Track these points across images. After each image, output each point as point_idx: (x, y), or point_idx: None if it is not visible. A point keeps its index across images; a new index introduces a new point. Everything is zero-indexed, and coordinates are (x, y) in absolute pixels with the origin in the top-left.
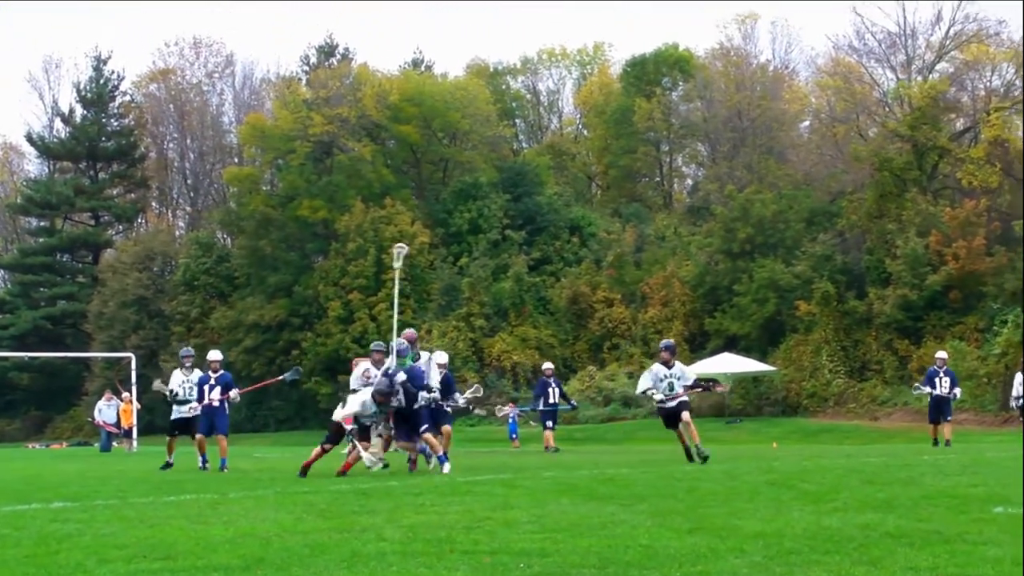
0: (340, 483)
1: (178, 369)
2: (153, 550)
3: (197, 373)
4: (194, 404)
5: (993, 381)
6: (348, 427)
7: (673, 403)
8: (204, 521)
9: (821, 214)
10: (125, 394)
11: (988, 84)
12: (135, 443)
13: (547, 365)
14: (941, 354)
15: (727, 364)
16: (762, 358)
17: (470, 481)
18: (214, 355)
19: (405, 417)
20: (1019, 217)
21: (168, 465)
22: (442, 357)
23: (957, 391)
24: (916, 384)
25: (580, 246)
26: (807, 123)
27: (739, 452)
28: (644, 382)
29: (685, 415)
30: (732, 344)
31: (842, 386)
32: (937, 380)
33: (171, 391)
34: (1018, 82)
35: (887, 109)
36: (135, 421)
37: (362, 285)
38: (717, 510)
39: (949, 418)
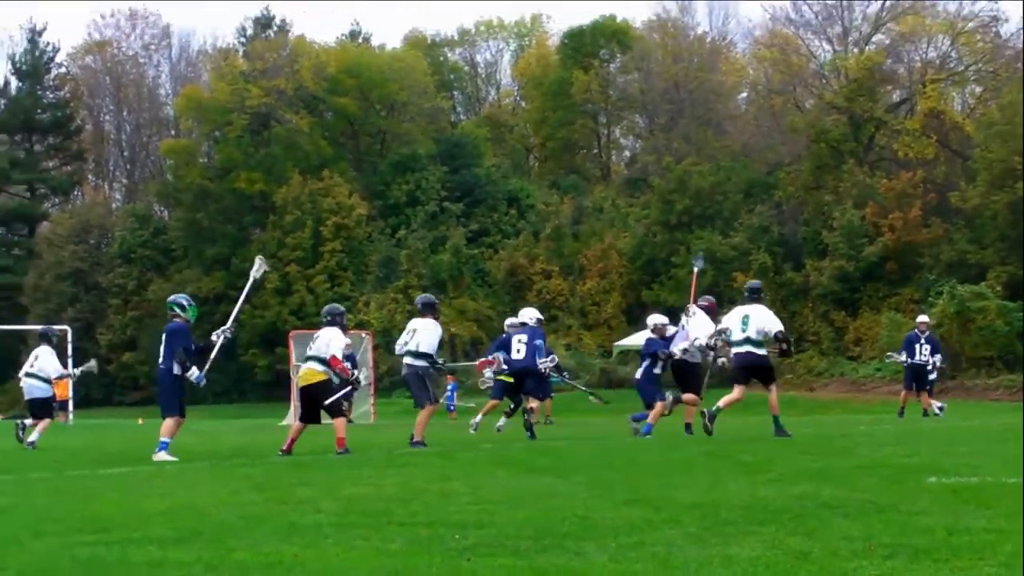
0: (277, 455)
1: None
2: (88, 523)
3: None
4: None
5: None
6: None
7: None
8: (140, 494)
9: (758, 186)
10: None
11: (924, 56)
12: (71, 416)
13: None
14: (923, 318)
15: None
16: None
17: (407, 453)
18: None
19: None
20: (955, 188)
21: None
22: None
23: (937, 358)
24: (889, 353)
25: (518, 218)
26: (744, 95)
27: (676, 423)
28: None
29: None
30: (670, 315)
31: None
32: (917, 347)
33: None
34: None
35: (824, 81)
36: (71, 394)
37: (299, 257)
38: (653, 481)
39: (929, 387)
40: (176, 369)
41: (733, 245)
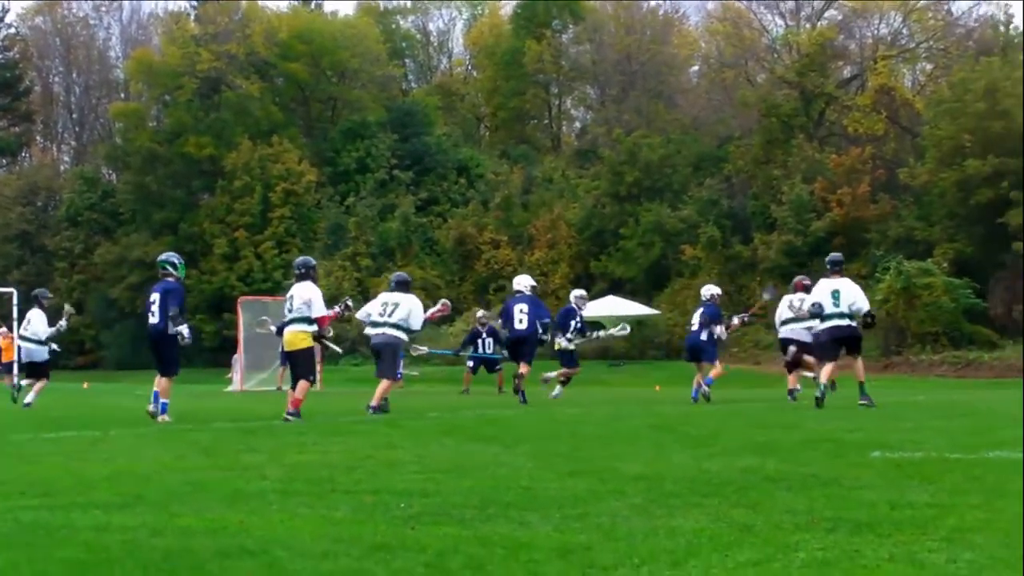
0: (224, 421)
1: None
2: (32, 487)
3: None
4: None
5: (876, 328)
6: None
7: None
8: (83, 458)
9: (708, 159)
10: (3, 329)
11: (876, 32)
12: (16, 379)
13: (481, 313)
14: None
15: (611, 307)
16: (647, 301)
17: (353, 421)
18: None
19: None
20: (904, 165)
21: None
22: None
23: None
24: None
25: (468, 187)
26: (696, 68)
27: (622, 395)
28: None
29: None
30: (617, 287)
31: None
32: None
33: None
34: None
35: (775, 55)
36: (16, 357)
37: (248, 223)
38: (598, 453)
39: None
40: (171, 328)
41: (682, 218)
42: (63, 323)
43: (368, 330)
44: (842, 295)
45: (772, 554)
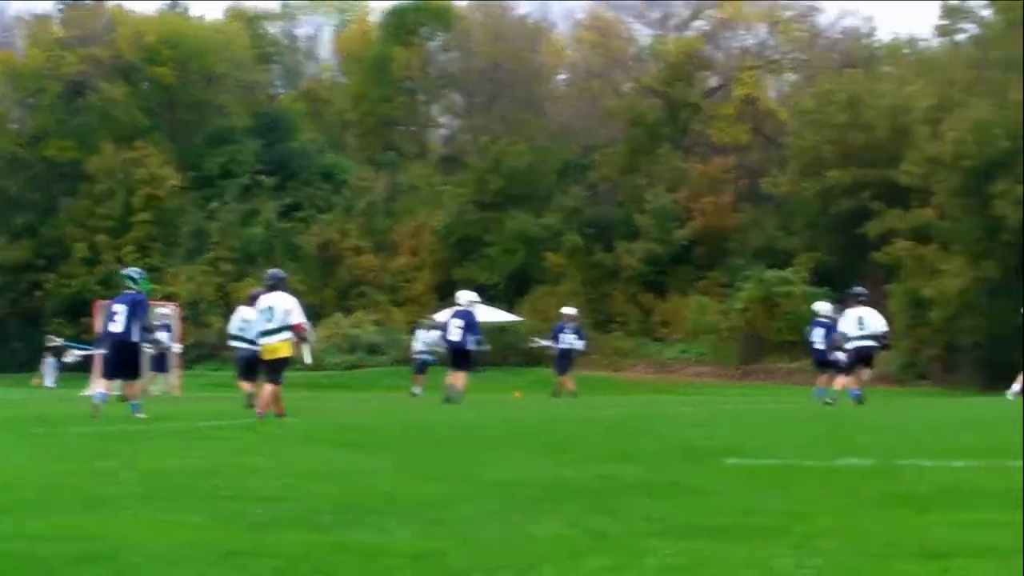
0: (82, 426)
1: None
2: None
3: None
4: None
5: (735, 336)
6: None
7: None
8: None
9: (573, 167)
10: None
11: (742, 43)
12: None
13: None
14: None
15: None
16: (509, 308)
17: (212, 426)
18: None
19: None
20: (767, 174)
21: None
22: None
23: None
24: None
25: (333, 193)
26: (564, 76)
27: (483, 401)
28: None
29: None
30: (480, 294)
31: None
32: (561, 335)
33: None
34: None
35: (643, 65)
36: None
37: (109, 227)
38: (457, 458)
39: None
40: (136, 336)
41: (545, 225)
42: None
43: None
44: (866, 321)
45: (625, 560)
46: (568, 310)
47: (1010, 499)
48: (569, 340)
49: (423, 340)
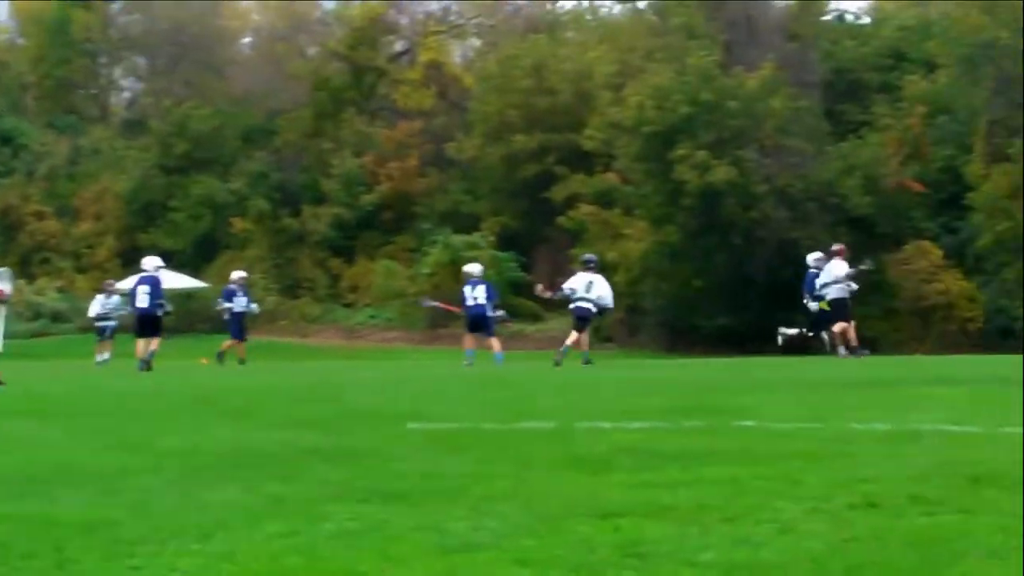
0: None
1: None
2: None
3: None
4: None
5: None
6: None
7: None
8: None
9: (258, 132)
10: None
11: (427, 8)
12: None
13: (237, 274)
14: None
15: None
16: (195, 274)
17: None
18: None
19: None
20: (453, 139)
21: None
22: None
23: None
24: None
25: (12, 157)
26: (249, 40)
27: (167, 368)
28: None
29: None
30: (166, 260)
31: (275, 303)
32: (235, 299)
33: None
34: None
35: (328, 29)
36: None
37: None
38: (137, 427)
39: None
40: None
41: (232, 190)
42: None
43: None
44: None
45: (301, 525)
46: (238, 273)
47: (684, 459)
48: (242, 304)
49: (103, 305)
